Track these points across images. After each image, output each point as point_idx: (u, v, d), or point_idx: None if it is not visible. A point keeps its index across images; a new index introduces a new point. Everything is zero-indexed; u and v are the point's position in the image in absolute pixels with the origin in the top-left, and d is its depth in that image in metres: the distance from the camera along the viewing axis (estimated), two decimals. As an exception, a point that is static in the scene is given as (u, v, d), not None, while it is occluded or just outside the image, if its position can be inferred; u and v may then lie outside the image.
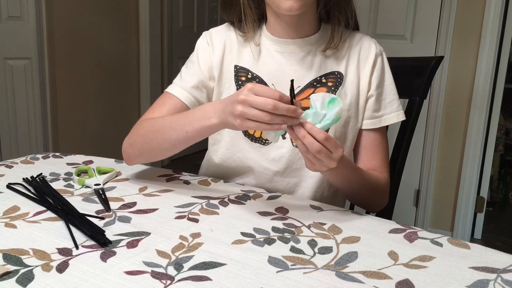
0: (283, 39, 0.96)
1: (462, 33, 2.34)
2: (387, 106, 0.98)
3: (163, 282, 0.56)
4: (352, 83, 0.96)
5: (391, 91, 0.98)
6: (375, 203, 0.98)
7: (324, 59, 0.97)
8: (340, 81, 0.96)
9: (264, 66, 0.97)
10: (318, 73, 0.96)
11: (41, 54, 2.54)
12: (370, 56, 0.97)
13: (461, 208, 2.48)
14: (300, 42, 0.96)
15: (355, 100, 0.96)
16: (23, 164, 1.02)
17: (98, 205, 0.81)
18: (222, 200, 0.85)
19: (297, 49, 0.96)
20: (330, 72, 0.96)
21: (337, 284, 0.58)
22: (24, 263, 0.60)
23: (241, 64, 0.98)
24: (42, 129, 2.62)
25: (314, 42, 0.97)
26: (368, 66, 0.97)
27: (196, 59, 1.00)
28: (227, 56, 0.99)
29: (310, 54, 0.96)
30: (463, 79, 2.37)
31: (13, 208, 0.77)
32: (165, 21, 3.38)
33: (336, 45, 0.95)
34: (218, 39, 1.00)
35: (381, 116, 0.98)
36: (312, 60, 0.96)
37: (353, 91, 0.96)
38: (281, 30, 0.96)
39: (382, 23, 2.51)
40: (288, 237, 0.71)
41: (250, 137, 0.96)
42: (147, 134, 0.91)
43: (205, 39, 1.01)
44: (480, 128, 2.37)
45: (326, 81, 0.96)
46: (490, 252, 0.67)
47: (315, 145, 0.71)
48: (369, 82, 0.97)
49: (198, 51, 1.01)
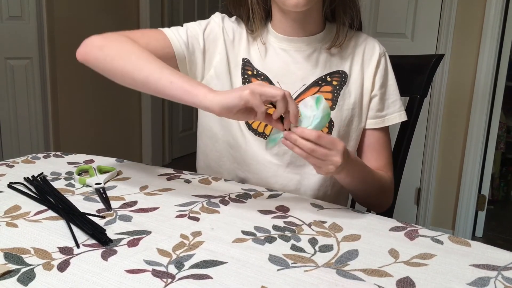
0: (289, 37, 0.96)
1: (462, 31, 2.33)
2: (390, 106, 0.99)
3: (164, 281, 0.57)
4: (356, 83, 0.97)
5: (394, 91, 0.99)
6: (382, 202, 0.99)
7: (329, 57, 0.97)
8: (345, 80, 0.96)
9: (270, 64, 0.97)
10: (323, 71, 0.96)
11: (42, 54, 2.54)
12: (374, 57, 0.98)
13: (462, 206, 2.47)
14: (306, 40, 0.96)
15: (359, 100, 0.97)
16: (24, 163, 1.02)
17: (99, 204, 0.81)
18: (223, 198, 0.85)
19: (303, 46, 0.96)
20: (335, 71, 0.97)
21: (337, 282, 0.58)
22: (25, 262, 0.60)
23: (248, 58, 0.98)
24: (43, 129, 2.63)
25: (319, 40, 0.97)
26: (372, 66, 0.97)
27: (205, 25, 0.98)
28: (236, 45, 0.99)
29: (315, 52, 0.97)
30: (464, 77, 2.37)
31: (14, 208, 0.77)
32: (165, 20, 3.38)
33: (341, 43, 0.96)
34: (229, 25, 0.99)
35: (384, 116, 0.98)
36: (318, 58, 0.96)
37: (357, 90, 0.97)
38: (287, 28, 0.96)
39: (383, 21, 2.51)
40: (289, 235, 0.71)
41: (254, 131, 0.96)
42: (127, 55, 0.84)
43: (220, 18, 0.99)
44: (481, 126, 2.37)
45: (331, 80, 0.96)
46: (491, 249, 0.67)
47: (307, 145, 0.72)
48: (373, 82, 0.97)
49: (210, 23, 0.99)
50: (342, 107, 0.96)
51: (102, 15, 2.89)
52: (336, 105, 0.95)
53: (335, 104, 0.95)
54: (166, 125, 3.52)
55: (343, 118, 0.96)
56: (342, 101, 0.96)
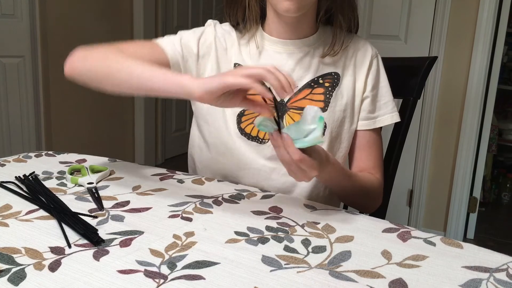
0: (281, 40, 0.97)
1: (456, 34, 2.35)
2: (382, 107, 0.99)
3: (156, 281, 0.56)
4: (349, 84, 0.97)
5: (386, 92, 0.99)
6: (367, 206, 1.00)
7: (322, 60, 0.97)
8: (337, 82, 0.96)
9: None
10: (315, 74, 0.96)
11: (35, 52, 2.53)
12: (366, 58, 0.98)
13: (454, 208, 2.49)
14: (298, 43, 0.96)
15: (350, 101, 0.97)
16: (16, 162, 1.01)
17: (91, 204, 0.80)
18: (216, 199, 0.85)
19: (295, 50, 0.97)
20: (327, 72, 0.97)
21: (330, 283, 0.58)
22: (16, 261, 0.59)
23: (240, 62, 0.98)
24: (35, 128, 2.61)
25: (312, 43, 0.97)
26: (364, 68, 0.98)
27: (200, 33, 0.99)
28: (228, 51, 0.99)
29: (308, 55, 0.97)
30: (456, 80, 2.38)
31: (5, 207, 0.77)
32: (159, 20, 3.37)
33: (336, 52, 0.95)
34: (221, 32, 1.00)
35: (376, 117, 0.99)
36: (310, 62, 0.97)
37: (349, 92, 0.97)
38: (280, 29, 0.96)
39: (377, 24, 2.52)
40: (282, 236, 0.71)
41: (247, 136, 0.96)
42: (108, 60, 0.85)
43: (212, 26, 1.00)
44: (473, 129, 2.39)
45: (323, 82, 0.96)
46: (483, 251, 0.67)
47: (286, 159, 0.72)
48: (365, 83, 0.98)
49: (205, 31, 0.99)
50: (334, 108, 0.96)
51: (95, 13, 2.88)
52: (329, 106, 0.96)
53: (327, 106, 0.96)
54: (159, 125, 3.51)
55: (335, 119, 0.96)
56: (334, 102, 0.96)
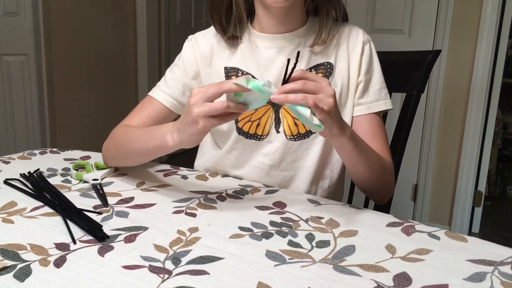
0: (271, 35, 0.96)
1: (459, 27, 2.34)
2: (376, 93, 0.98)
3: (161, 277, 0.56)
4: (342, 72, 0.97)
5: (379, 79, 0.99)
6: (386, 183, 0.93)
7: (313, 51, 0.97)
8: (330, 71, 0.96)
9: (255, 63, 0.97)
10: (307, 65, 0.96)
11: (38, 50, 2.53)
12: (358, 44, 0.98)
13: (459, 203, 2.48)
14: (288, 36, 0.96)
15: (345, 89, 0.97)
16: (20, 159, 1.02)
17: (96, 200, 0.80)
18: (220, 194, 0.85)
19: (286, 43, 0.96)
20: (320, 63, 0.97)
21: (334, 278, 0.58)
22: (21, 258, 0.60)
23: (231, 64, 0.98)
24: (40, 125, 2.62)
25: (302, 35, 0.97)
26: (356, 54, 0.97)
27: (182, 63, 1.01)
28: (216, 59, 0.99)
29: (299, 47, 0.96)
30: (461, 74, 2.37)
31: (11, 204, 0.77)
32: (162, 17, 3.37)
33: (324, 41, 0.95)
34: (205, 43, 1.00)
35: (370, 102, 0.97)
36: (302, 53, 0.96)
37: (344, 79, 0.97)
38: (269, 23, 0.96)
39: (380, 18, 2.51)
40: (286, 231, 0.71)
41: (245, 134, 0.96)
42: (119, 142, 0.93)
43: (191, 43, 1.01)
44: (478, 123, 2.38)
45: (316, 72, 0.96)
46: (487, 245, 0.67)
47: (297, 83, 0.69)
48: (359, 69, 0.97)
49: (184, 55, 1.01)
50: None
51: (98, 10, 2.88)
52: None
53: None
54: (163, 121, 3.51)
55: None
56: None
